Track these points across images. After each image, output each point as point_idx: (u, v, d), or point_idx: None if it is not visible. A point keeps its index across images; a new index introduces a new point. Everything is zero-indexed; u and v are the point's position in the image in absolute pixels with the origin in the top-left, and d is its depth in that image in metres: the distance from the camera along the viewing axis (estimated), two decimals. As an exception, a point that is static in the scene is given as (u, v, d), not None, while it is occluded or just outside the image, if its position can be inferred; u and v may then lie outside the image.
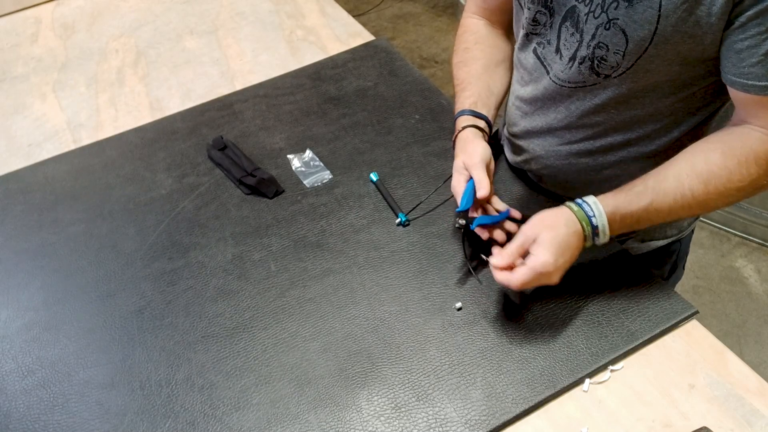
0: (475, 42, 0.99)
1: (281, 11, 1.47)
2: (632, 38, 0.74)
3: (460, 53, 1.00)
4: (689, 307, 0.82)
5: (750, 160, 0.73)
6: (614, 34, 0.75)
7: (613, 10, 0.74)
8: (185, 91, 1.26)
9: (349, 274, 0.89)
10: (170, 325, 0.85)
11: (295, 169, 1.06)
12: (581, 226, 0.77)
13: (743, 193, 0.75)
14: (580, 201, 0.78)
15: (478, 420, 0.73)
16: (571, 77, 0.83)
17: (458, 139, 0.90)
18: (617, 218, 0.77)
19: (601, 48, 0.77)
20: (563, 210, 0.78)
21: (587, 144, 0.89)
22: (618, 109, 0.83)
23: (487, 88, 0.95)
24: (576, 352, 0.78)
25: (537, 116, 0.92)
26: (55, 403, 0.78)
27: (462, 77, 0.97)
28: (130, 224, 1.00)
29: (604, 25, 0.75)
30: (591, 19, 0.76)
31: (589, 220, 0.76)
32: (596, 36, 0.77)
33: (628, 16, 0.73)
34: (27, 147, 1.17)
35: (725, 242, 2.08)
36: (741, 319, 1.88)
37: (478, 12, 1.02)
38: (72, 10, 1.55)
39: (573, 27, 0.79)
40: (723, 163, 0.73)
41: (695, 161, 0.75)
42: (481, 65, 0.97)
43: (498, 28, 1.02)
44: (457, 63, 1.00)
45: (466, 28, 1.02)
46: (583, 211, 0.77)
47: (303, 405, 0.76)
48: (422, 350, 0.80)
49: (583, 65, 0.80)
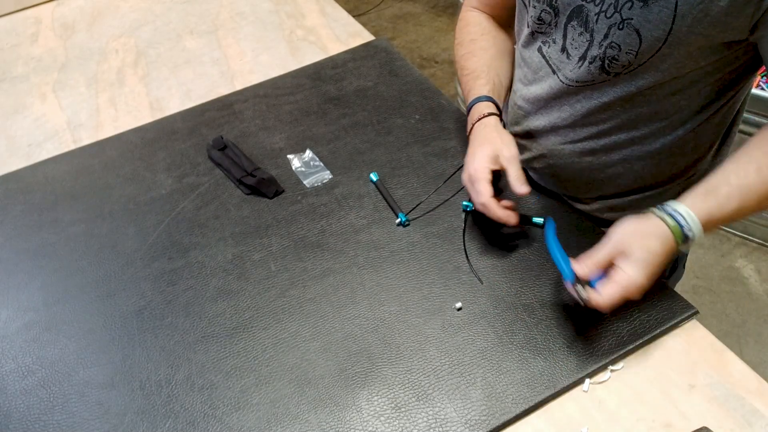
0: (482, 33, 0.99)
1: (281, 11, 1.47)
2: (646, 38, 0.73)
3: (467, 44, 0.99)
4: (689, 307, 0.82)
5: None
6: (628, 34, 0.74)
7: (627, 10, 0.73)
8: (185, 91, 1.26)
9: (349, 274, 0.89)
10: (170, 325, 0.85)
11: (295, 169, 1.06)
12: (675, 243, 0.71)
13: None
14: (673, 212, 0.71)
15: (478, 420, 0.73)
16: (580, 76, 0.82)
17: (482, 125, 0.87)
18: (711, 225, 0.72)
19: (614, 48, 0.76)
20: (657, 223, 0.71)
21: (591, 143, 0.89)
22: (623, 107, 0.82)
23: (498, 78, 0.95)
24: (576, 352, 0.78)
25: (541, 115, 0.92)
26: (55, 403, 0.78)
27: (473, 66, 0.96)
28: (130, 224, 1.00)
29: (617, 25, 0.74)
30: (603, 19, 0.76)
31: (683, 235, 0.71)
32: (609, 36, 0.76)
33: (642, 16, 0.72)
34: (27, 147, 1.17)
35: (725, 242, 2.07)
36: (741, 319, 1.88)
37: (479, 6, 1.02)
38: (72, 10, 1.55)
39: (581, 26, 0.79)
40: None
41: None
42: (491, 55, 0.97)
43: (498, 23, 1.02)
44: (464, 54, 0.99)
45: (468, 21, 1.02)
46: (679, 226, 0.70)
47: (303, 405, 0.76)
48: (422, 350, 0.80)
49: (593, 65, 0.79)
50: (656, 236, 0.70)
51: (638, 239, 0.70)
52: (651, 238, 0.70)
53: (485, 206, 0.81)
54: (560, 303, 0.83)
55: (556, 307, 0.83)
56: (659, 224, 0.71)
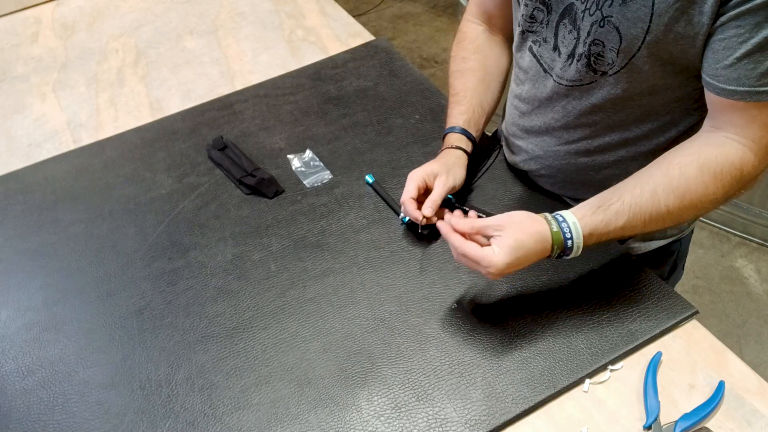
0: (474, 51, 1.00)
1: (281, 11, 1.47)
2: (626, 36, 0.74)
3: (458, 62, 1.01)
4: (689, 307, 0.82)
5: (725, 171, 0.72)
6: (608, 31, 0.75)
7: (607, 8, 0.74)
8: (185, 91, 1.26)
9: (349, 274, 0.89)
10: (170, 325, 0.85)
11: (295, 169, 1.06)
12: (552, 246, 0.74)
13: (717, 204, 0.75)
14: (561, 219, 0.75)
15: (478, 420, 0.73)
16: (569, 75, 0.83)
17: (449, 153, 0.93)
18: (594, 239, 0.75)
19: (597, 45, 0.77)
20: (541, 224, 0.75)
21: (585, 143, 0.89)
22: (615, 109, 0.83)
23: (479, 104, 0.97)
24: (576, 352, 0.78)
25: (534, 116, 0.92)
26: (55, 403, 0.78)
27: (458, 88, 0.98)
28: (130, 224, 1.00)
29: (598, 23, 0.75)
30: (587, 16, 0.77)
31: (564, 242, 0.74)
32: (591, 33, 0.77)
33: (621, 14, 0.73)
34: (27, 147, 1.17)
35: (725, 242, 2.08)
36: (741, 319, 1.88)
37: (478, 16, 1.02)
38: (72, 10, 1.55)
39: (571, 24, 0.80)
40: (699, 177, 0.72)
41: (671, 175, 0.73)
42: (477, 78, 0.98)
43: (497, 35, 1.01)
44: (453, 72, 1.01)
45: (465, 35, 1.02)
46: (561, 232, 0.74)
47: (303, 405, 0.76)
48: (422, 350, 0.80)
49: (580, 62, 0.80)
50: (534, 234, 0.74)
51: (517, 230, 0.73)
52: (529, 233, 0.73)
53: (404, 203, 0.88)
54: (560, 303, 0.83)
55: (557, 307, 0.83)
56: (543, 226, 0.74)
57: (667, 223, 0.76)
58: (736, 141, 0.72)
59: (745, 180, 0.73)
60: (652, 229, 0.77)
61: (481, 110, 0.97)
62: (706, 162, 0.73)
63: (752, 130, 0.71)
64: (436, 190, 0.88)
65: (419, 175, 0.89)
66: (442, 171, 0.90)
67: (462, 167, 0.93)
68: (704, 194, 0.73)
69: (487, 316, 0.83)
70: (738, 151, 0.72)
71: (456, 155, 0.93)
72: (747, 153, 0.72)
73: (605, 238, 0.76)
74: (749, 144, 0.72)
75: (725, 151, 0.72)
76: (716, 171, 0.72)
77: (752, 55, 0.67)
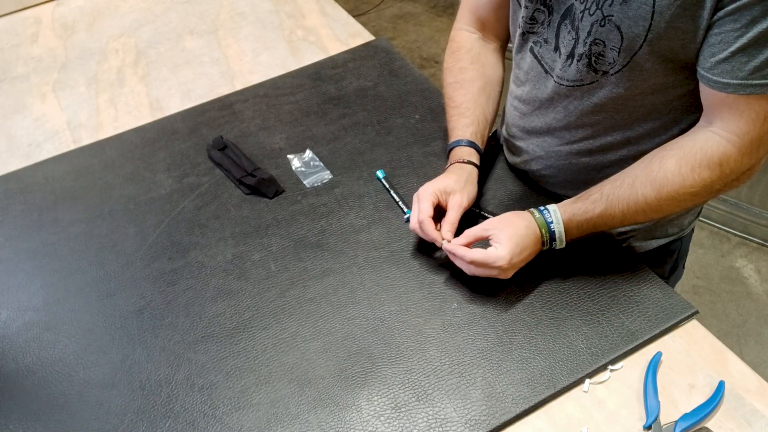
0: (471, 61, 0.98)
1: (281, 11, 1.47)
2: (627, 35, 0.74)
3: (456, 72, 0.99)
4: (689, 307, 0.82)
5: (703, 164, 0.74)
6: (609, 30, 0.75)
7: (608, 7, 0.74)
8: (185, 91, 1.26)
9: (349, 274, 0.89)
10: (170, 325, 0.85)
11: (295, 169, 1.06)
12: (540, 232, 0.81)
13: (698, 198, 0.76)
14: (542, 208, 0.82)
15: (478, 420, 0.73)
16: (570, 75, 0.83)
17: (460, 167, 0.91)
18: (573, 225, 0.81)
19: (598, 44, 0.77)
20: (525, 214, 0.82)
21: (587, 143, 0.89)
22: (616, 108, 0.83)
23: (483, 115, 0.96)
24: (576, 352, 0.78)
25: (535, 116, 0.92)
26: (55, 403, 0.78)
27: (459, 100, 0.97)
28: (130, 224, 1.00)
29: (599, 22, 0.75)
30: (586, 16, 0.77)
31: (548, 227, 0.81)
32: (592, 33, 0.77)
33: (622, 13, 0.73)
34: (27, 147, 1.17)
35: (725, 242, 2.07)
36: (741, 319, 1.88)
37: (471, 23, 1.00)
38: (72, 10, 1.55)
39: (570, 25, 0.80)
40: (677, 170, 0.75)
41: (651, 167, 0.77)
42: (478, 88, 0.97)
43: (492, 42, 1.01)
44: (452, 83, 0.99)
45: (460, 45, 1.00)
46: (543, 218, 0.81)
47: (303, 405, 0.76)
48: (422, 350, 0.80)
49: (581, 62, 0.80)
50: (522, 223, 0.81)
51: (507, 224, 0.81)
52: (518, 225, 0.80)
53: (422, 223, 0.85)
54: (560, 303, 0.83)
55: (556, 307, 0.83)
56: (528, 216, 0.82)
57: (649, 216, 0.79)
58: (719, 136, 0.73)
59: (727, 175, 0.74)
60: (634, 221, 0.80)
61: (485, 121, 0.96)
62: (684, 155, 0.75)
63: (738, 125, 0.72)
64: (452, 211, 0.86)
65: (432, 191, 0.86)
66: (455, 189, 0.87)
67: (474, 184, 0.91)
68: (681, 186, 0.75)
69: (487, 315, 0.83)
70: (719, 146, 0.73)
71: (468, 171, 0.91)
72: (729, 147, 0.73)
73: (586, 226, 0.81)
74: (733, 139, 0.72)
75: (707, 145, 0.74)
76: (693, 164, 0.74)
77: (746, 50, 0.67)
